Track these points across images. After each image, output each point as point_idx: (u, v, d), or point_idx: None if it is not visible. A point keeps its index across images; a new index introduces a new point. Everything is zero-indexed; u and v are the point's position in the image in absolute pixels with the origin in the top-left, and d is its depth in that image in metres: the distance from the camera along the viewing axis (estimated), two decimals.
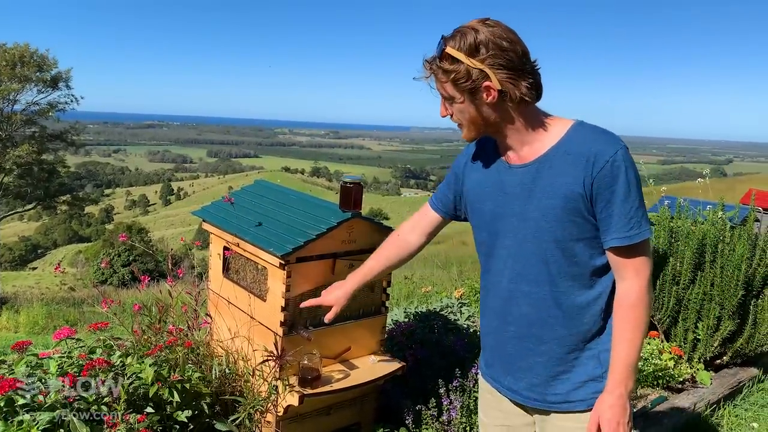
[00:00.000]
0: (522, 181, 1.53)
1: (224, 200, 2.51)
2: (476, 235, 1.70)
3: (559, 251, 1.50)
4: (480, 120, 1.51)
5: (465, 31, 1.42)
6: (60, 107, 26.67)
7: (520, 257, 1.56)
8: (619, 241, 1.46)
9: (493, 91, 1.44)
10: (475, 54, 1.41)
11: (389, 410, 2.70)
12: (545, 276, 1.53)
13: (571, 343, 1.56)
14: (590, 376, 1.56)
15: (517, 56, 1.43)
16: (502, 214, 1.58)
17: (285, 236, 2.17)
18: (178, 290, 2.61)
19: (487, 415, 1.81)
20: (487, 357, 1.76)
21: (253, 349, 2.34)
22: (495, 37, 1.41)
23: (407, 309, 3.84)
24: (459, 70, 1.42)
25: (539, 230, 1.51)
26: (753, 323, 3.81)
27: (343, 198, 2.27)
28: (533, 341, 1.59)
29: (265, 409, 2.24)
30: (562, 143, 1.49)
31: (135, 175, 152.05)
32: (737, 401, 3.83)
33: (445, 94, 1.51)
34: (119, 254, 25.47)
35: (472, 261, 11.51)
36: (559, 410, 1.59)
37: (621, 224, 1.44)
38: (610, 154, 1.42)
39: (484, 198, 1.63)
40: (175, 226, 73.61)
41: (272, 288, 2.22)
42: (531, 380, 1.61)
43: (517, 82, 1.43)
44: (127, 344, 2.34)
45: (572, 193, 1.45)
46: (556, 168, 1.48)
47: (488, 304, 1.69)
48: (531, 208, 1.51)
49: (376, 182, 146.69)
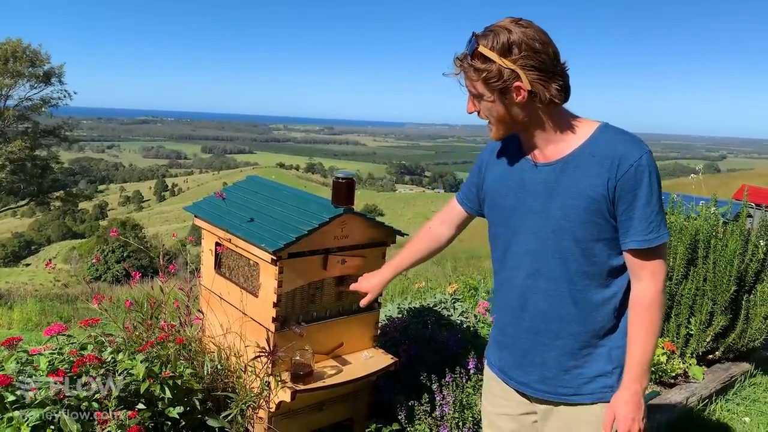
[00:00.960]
0: (545, 180, 1.55)
1: (216, 196, 2.49)
2: (493, 230, 1.73)
3: (578, 250, 1.53)
4: (508, 119, 1.53)
5: (498, 31, 1.43)
6: (53, 103, 26.55)
7: (538, 254, 1.58)
8: (638, 244, 1.49)
9: (523, 91, 1.45)
10: (507, 54, 1.42)
11: (382, 406, 2.70)
12: (563, 273, 1.56)
13: (585, 340, 1.59)
14: (601, 371, 1.60)
15: (549, 58, 1.44)
16: (521, 210, 1.60)
17: (277, 232, 2.16)
18: (170, 286, 2.60)
19: (491, 402, 1.84)
20: (496, 350, 1.79)
21: (245, 345, 2.34)
22: (528, 38, 1.42)
23: (401, 305, 3.84)
24: (491, 69, 1.43)
25: (560, 229, 1.53)
26: (745, 318, 3.83)
27: (336, 194, 2.26)
28: (548, 336, 1.62)
29: (257, 405, 2.23)
30: (587, 144, 1.51)
31: (129, 171, 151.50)
32: (729, 396, 3.85)
33: (474, 92, 1.52)
34: (113, 250, 25.33)
35: (466, 257, 11.53)
36: (569, 402, 1.63)
37: (641, 227, 1.47)
38: (636, 158, 1.44)
39: (505, 194, 1.65)
40: (169, 222, 73.40)
41: (264, 284, 2.21)
42: (543, 373, 1.64)
43: (547, 83, 1.45)
44: (119, 340, 2.33)
45: (596, 194, 1.48)
46: (581, 169, 1.50)
47: (503, 298, 1.72)
48: (553, 206, 1.54)
49: (371, 178, 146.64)
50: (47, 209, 36.69)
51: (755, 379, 4.08)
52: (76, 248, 39.94)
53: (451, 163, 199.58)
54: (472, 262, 10.40)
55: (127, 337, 2.37)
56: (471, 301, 5.23)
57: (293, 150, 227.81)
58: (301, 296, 2.28)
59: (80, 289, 14.21)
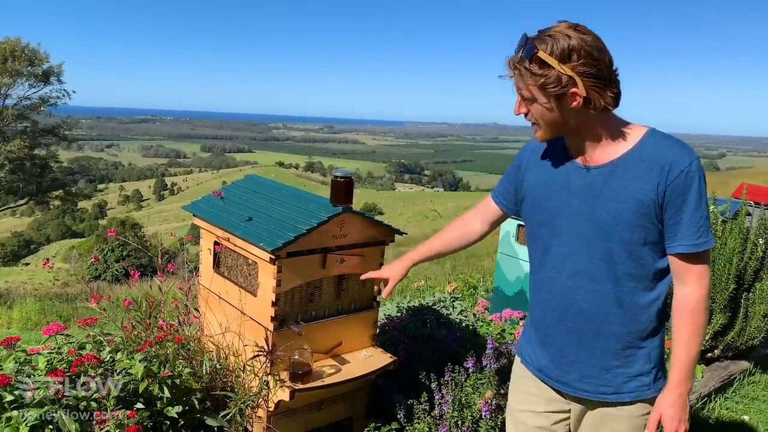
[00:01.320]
0: (592, 183, 1.56)
1: (214, 195, 2.49)
2: (532, 230, 1.73)
3: (625, 253, 1.54)
4: (560, 123, 1.53)
5: (557, 36, 1.43)
6: (52, 102, 26.52)
7: (583, 256, 1.59)
8: (687, 248, 1.51)
9: (579, 97, 1.45)
10: (567, 60, 1.42)
11: (381, 405, 2.70)
12: (609, 275, 1.57)
13: (628, 341, 1.61)
14: (641, 371, 1.63)
15: (605, 66, 1.45)
16: (566, 212, 1.61)
17: (275, 231, 2.16)
18: (169, 286, 2.60)
19: (518, 400, 1.86)
20: (532, 348, 1.79)
21: (244, 344, 2.33)
22: (587, 45, 1.42)
23: (400, 304, 3.84)
24: (549, 75, 1.43)
25: (607, 231, 1.54)
26: (744, 317, 3.83)
27: (334, 192, 2.26)
28: (591, 336, 1.63)
29: (256, 405, 2.23)
30: (636, 149, 1.52)
31: (128, 170, 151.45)
32: (728, 394, 3.85)
33: (527, 95, 1.51)
34: (113, 249, 25.31)
35: (466, 256, 11.52)
36: (608, 401, 1.65)
37: (690, 232, 1.50)
38: (686, 164, 1.46)
39: (548, 195, 1.65)
40: (168, 222, 73.36)
41: (263, 283, 2.21)
42: (584, 372, 1.66)
43: (603, 91, 1.46)
44: (117, 340, 2.33)
45: (645, 198, 1.49)
46: (630, 172, 1.51)
47: (542, 298, 1.72)
48: (600, 209, 1.55)
49: (370, 177, 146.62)
50: (46, 208, 36.69)
51: (754, 378, 4.08)
52: (76, 247, 39.92)
53: (450, 162, 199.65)
54: (472, 261, 10.39)
55: (126, 336, 2.36)
56: (470, 300, 5.24)
57: (292, 149, 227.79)
58: (299, 295, 2.27)
59: (80, 289, 14.20)
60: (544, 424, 1.80)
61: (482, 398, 2.51)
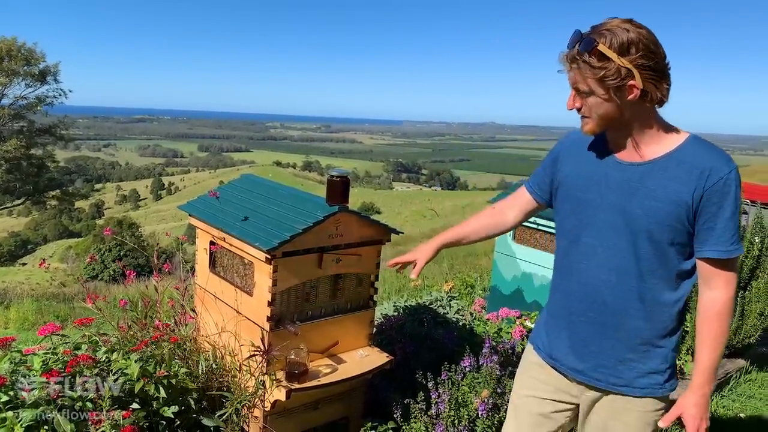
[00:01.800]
0: (629, 178, 1.59)
1: (210, 195, 2.48)
2: (562, 219, 1.77)
3: (652, 250, 1.58)
4: (615, 116, 1.55)
5: (615, 30, 1.45)
6: (48, 101, 26.45)
7: (612, 249, 1.62)
8: (718, 254, 1.54)
9: (636, 89, 1.48)
10: (626, 53, 1.45)
11: (378, 404, 2.70)
12: (635, 270, 1.60)
13: (646, 337, 1.64)
14: (655, 369, 1.66)
15: (661, 59, 1.49)
16: (601, 205, 1.64)
17: (271, 231, 2.16)
18: (165, 285, 2.59)
19: (524, 385, 1.90)
20: (550, 336, 1.82)
21: (240, 344, 2.33)
22: (644, 38, 1.45)
23: (397, 303, 3.84)
24: (609, 67, 1.46)
25: (638, 227, 1.58)
26: (740, 315, 3.84)
27: (330, 192, 2.26)
28: (611, 328, 1.67)
29: (252, 404, 2.23)
30: (678, 151, 1.55)
31: (125, 169, 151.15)
32: (725, 392, 3.86)
33: (584, 89, 1.53)
34: (110, 249, 25.26)
35: (464, 255, 11.52)
36: (619, 392, 1.69)
37: (724, 238, 1.53)
38: (726, 172, 1.50)
39: (585, 187, 1.68)
40: (166, 221, 73.25)
41: (259, 283, 2.21)
42: (600, 362, 1.69)
43: (659, 83, 1.49)
44: (113, 340, 2.32)
45: (680, 200, 1.52)
46: (669, 173, 1.54)
47: (566, 286, 1.76)
48: (634, 205, 1.58)
49: (368, 176, 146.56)
50: (43, 208, 36.66)
51: (750, 376, 4.09)
52: (73, 247, 39.84)
53: (448, 161, 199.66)
54: (470, 260, 10.40)
55: (122, 336, 2.36)
56: (467, 299, 5.24)
57: (290, 148, 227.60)
58: (295, 295, 2.27)
59: (77, 289, 14.16)
60: (545, 411, 1.84)
61: (479, 397, 2.51)
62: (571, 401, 1.81)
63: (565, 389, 1.80)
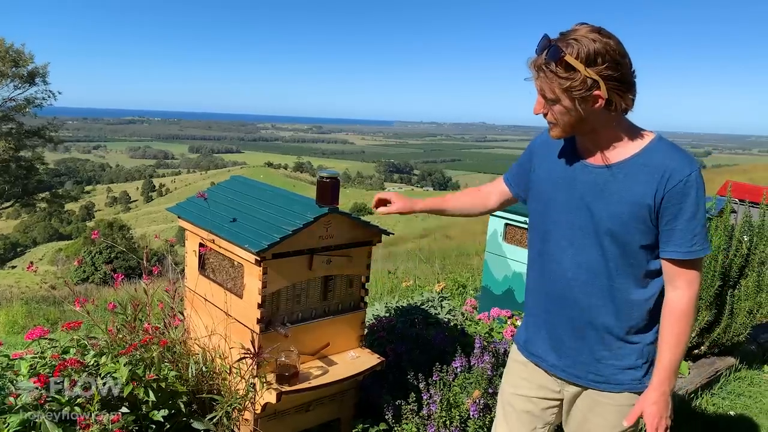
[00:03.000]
0: (595, 181, 1.62)
1: (198, 196, 2.47)
2: (534, 219, 1.80)
3: (618, 251, 1.60)
4: (579, 124, 1.57)
5: (582, 40, 1.46)
6: (37, 103, 26.28)
7: (581, 249, 1.65)
8: (678, 254, 1.56)
9: (601, 99, 1.49)
10: (592, 64, 1.45)
11: (369, 405, 2.69)
12: (604, 270, 1.63)
13: (619, 334, 1.67)
14: (632, 365, 1.68)
15: (627, 70, 1.50)
16: (568, 206, 1.67)
17: (261, 232, 2.15)
18: (155, 288, 2.57)
19: (511, 383, 1.93)
20: (530, 334, 1.85)
21: (230, 346, 2.32)
22: (610, 49, 1.46)
23: (388, 304, 3.83)
24: (575, 78, 1.47)
25: (603, 229, 1.60)
26: (730, 313, 3.86)
27: (320, 193, 2.25)
28: (585, 326, 1.69)
29: (242, 407, 2.22)
30: (641, 154, 1.57)
31: (116, 171, 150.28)
32: (714, 390, 3.88)
33: (551, 96, 1.54)
34: (100, 252, 25.09)
35: (456, 254, 11.53)
36: (598, 388, 1.72)
37: (685, 239, 1.54)
38: (686, 174, 1.51)
39: (553, 187, 1.71)
40: (157, 223, 72.92)
41: (248, 285, 2.20)
42: (577, 358, 1.73)
43: (624, 94, 1.51)
44: (101, 343, 2.30)
45: (643, 202, 1.54)
46: (631, 176, 1.57)
47: (541, 286, 1.79)
48: (598, 207, 1.61)
49: (359, 177, 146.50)
50: (33, 211, 36.37)
51: (740, 374, 4.11)
52: (63, 250, 39.56)
53: (439, 161, 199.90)
54: (462, 260, 10.41)
55: (111, 340, 2.34)
56: (459, 299, 5.25)
57: (281, 149, 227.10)
58: (285, 297, 2.26)
59: (67, 291, 14.06)
60: (532, 409, 1.87)
61: (470, 398, 2.51)
62: (554, 397, 1.84)
63: (547, 386, 1.83)
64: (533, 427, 1.89)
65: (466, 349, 2.78)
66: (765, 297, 4.07)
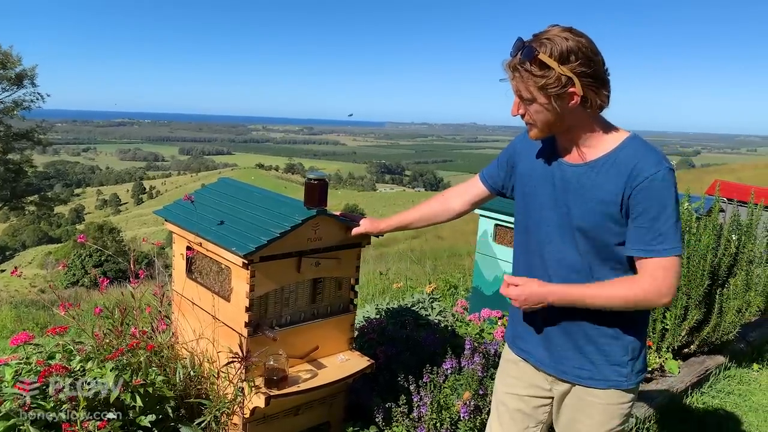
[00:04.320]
0: (570, 179, 1.66)
1: (184, 199, 2.45)
2: (518, 217, 1.85)
3: (594, 248, 1.64)
4: (556, 123, 1.60)
5: (555, 39, 1.49)
6: (25, 105, 26.10)
7: (560, 246, 1.69)
8: (638, 252, 1.58)
9: (576, 96, 1.53)
10: (566, 62, 1.49)
11: (359, 408, 2.68)
12: (581, 266, 1.67)
13: (603, 330, 1.69)
14: (618, 361, 1.70)
15: (600, 67, 1.54)
16: (548, 204, 1.71)
17: (248, 235, 2.13)
18: (143, 292, 2.55)
19: (503, 382, 1.96)
20: (519, 331, 1.88)
21: (218, 350, 2.30)
22: (583, 46, 1.50)
23: (379, 305, 3.82)
24: (550, 75, 1.50)
25: (577, 226, 1.64)
26: (719, 312, 3.88)
27: (308, 195, 2.23)
28: (569, 322, 1.72)
29: (231, 412, 2.20)
30: (613, 152, 1.60)
31: (106, 173, 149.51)
32: (704, 389, 3.89)
33: (527, 96, 1.57)
34: (90, 255, 24.93)
35: (447, 255, 11.54)
36: (584, 384, 1.74)
37: (647, 237, 1.55)
38: (652, 172, 1.53)
39: (537, 186, 1.75)
40: (147, 225, 72.56)
41: (236, 288, 2.18)
42: (564, 354, 1.75)
43: (599, 90, 1.54)
44: (88, 348, 2.28)
45: (613, 200, 1.57)
46: (602, 174, 1.60)
47: None
48: (573, 204, 1.64)
49: (351, 178, 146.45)
50: (22, 214, 36.05)
51: (729, 372, 4.13)
52: (53, 253, 39.27)
53: (430, 162, 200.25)
54: (454, 260, 10.41)
55: (97, 344, 2.31)
56: (450, 300, 5.24)
57: (272, 150, 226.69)
58: (274, 300, 2.24)
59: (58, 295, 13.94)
60: (524, 408, 1.89)
61: (460, 399, 2.51)
62: (545, 395, 1.86)
63: (538, 384, 1.85)
64: (525, 426, 1.91)
65: (456, 351, 2.77)
66: (753, 295, 4.10)
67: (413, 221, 2.11)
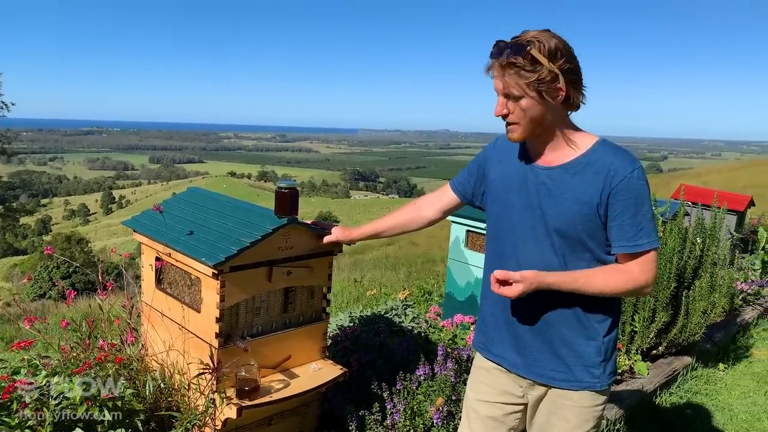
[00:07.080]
0: (544, 182, 1.69)
1: (153, 209, 2.42)
2: (491, 221, 1.86)
3: (570, 249, 1.67)
4: (541, 119, 1.62)
5: (540, 37, 1.54)
6: None
7: (535, 248, 1.71)
8: (626, 249, 1.63)
9: (562, 93, 1.58)
10: (554, 59, 1.54)
11: (333, 417, 2.67)
12: (558, 267, 1.67)
13: (579, 332, 1.71)
14: (591, 362, 1.72)
15: (579, 66, 1.60)
16: (521, 207, 1.73)
17: (218, 245, 2.11)
18: (112, 303, 2.51)
19: (474, 389, 1.97)
20: (490, 335, 1.89)
21: (188, 362, 2.27)
22: (565, 46, 1.56)
23: (353, 313, 3.82)
24: (541, 71, 1.54)
25: (553, 228, 1.67)
26: (685, 314, 3.96)
27: (279, 203, 2.22)
28: (543, 325, 1.74)
29: (203, 423, 2.17)
30: (587, 155, 1.65)
31: (73, 183, 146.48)
32: (673, 389, 3.97)
33: (517, 93, 1.59)
34: (58, 266, 24.36)
35: (422, 261, 11.57)
36: (558, 386, 1.76)
37: (630, 233, 1.61)
38: (629, 171, 1.59)
39: (507, 190, 1.78)
40: (117, 236, 71.20)
41: (206, 299, 2.16)
42: (537, 356, 1.76)
43: (578, 88, 1.61)
44: (54, 363, 2.23)
45: (590, 201, 1.62)
46: (578, 176, 1.64)
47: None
48: (549, 207, 1.67)
49: (325, 185, 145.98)
50: None
51: (696, 372, 4.22)
52: (19, 265, 38.24)
53: (404, 169, 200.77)
54: (428, 266, 10.44)
55: (64, 358, 2.27)
56: (424, 306, 5.26)
57: (245, 158, 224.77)
58: (245, 310, 2.23)
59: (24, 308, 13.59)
60: (496, 414, 1.90)
61: (433, 405, 2.51)
62: (517, 402, 1.87)
63: (510, 391, 1.86)
64: None
65: (429, 357, 2.78)
66: (718, 296, 4.21)
67: (386, 230, 2.13)
